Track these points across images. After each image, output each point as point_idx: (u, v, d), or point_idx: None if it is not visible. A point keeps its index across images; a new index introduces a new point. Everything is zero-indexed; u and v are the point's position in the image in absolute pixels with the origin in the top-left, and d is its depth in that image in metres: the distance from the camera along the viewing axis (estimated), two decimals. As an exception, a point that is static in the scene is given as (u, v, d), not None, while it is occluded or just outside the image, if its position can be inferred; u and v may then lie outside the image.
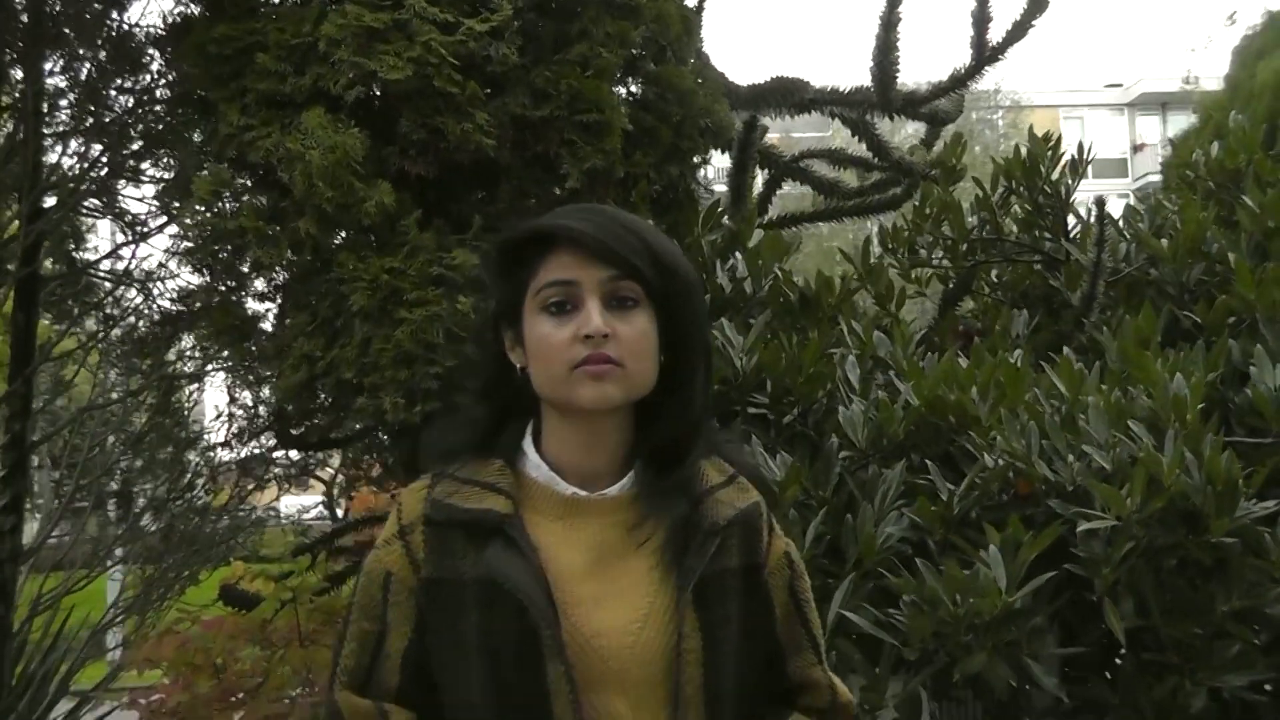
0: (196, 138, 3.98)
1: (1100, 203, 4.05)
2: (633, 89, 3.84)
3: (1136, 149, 36.43)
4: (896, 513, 2.85)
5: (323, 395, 3.35)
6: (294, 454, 5.74)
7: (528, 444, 1.51)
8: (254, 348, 3.45)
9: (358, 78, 3.25)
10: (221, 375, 5.03)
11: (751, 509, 1.50)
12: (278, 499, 6.07)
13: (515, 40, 3.42)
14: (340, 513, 5.96)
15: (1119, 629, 2.53)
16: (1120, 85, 38.14)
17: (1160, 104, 35.69)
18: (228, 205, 3.36)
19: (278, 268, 3.44)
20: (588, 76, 3.46)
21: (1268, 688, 2.78)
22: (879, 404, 3.06)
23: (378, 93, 3.39)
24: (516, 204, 3.48)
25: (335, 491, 5.64)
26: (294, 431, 5.02)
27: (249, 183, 3.51)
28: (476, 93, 3.31)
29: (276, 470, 5.63)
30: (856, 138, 5.28)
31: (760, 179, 5.93)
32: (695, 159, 4.01)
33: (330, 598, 4.35)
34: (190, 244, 3.42)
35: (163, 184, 4.62)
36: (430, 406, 3.18)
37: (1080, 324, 4.09)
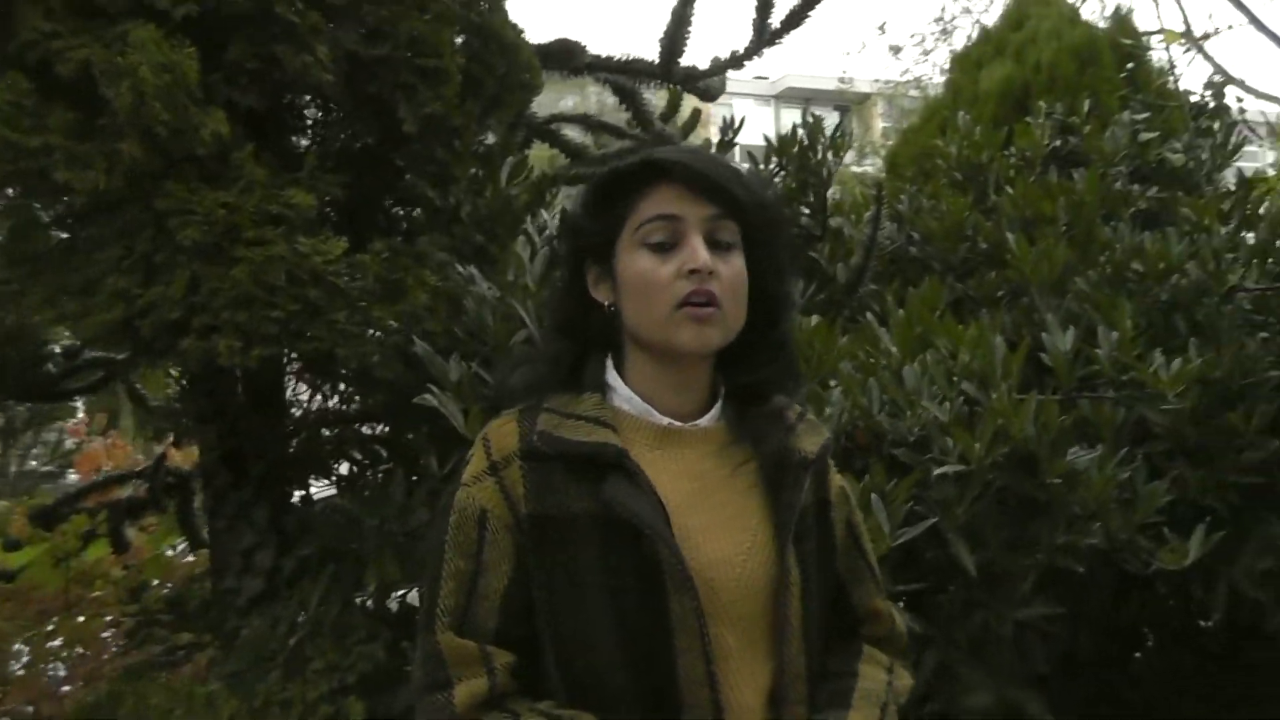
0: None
1: (879, 186, 4.37)
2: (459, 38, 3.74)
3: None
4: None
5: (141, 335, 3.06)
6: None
7: (613, 378, 1.48)
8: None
9: (190, -6, 3.00)
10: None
11: (827, 445, 1.52)
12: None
13: (353, -28, 3.27)
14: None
15: (970, 564, 2.76)
16: (767, 79, 40.49)
17: (804, 99, 38.22)
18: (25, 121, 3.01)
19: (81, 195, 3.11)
20: (427, 20, 3.35)
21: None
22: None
23: (201, 12, 3.12)
24: (351, 146, 3.34)
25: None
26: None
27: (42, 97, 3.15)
28: (319, 24, 3.13)
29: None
30: (623, 105, 5.39)
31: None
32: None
33: (85, 561, 3.98)
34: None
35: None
36: (269, 351, 3.00)
37: (851, 294, 4.37)
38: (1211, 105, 5.47)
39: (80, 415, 6.38)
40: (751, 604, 1.40)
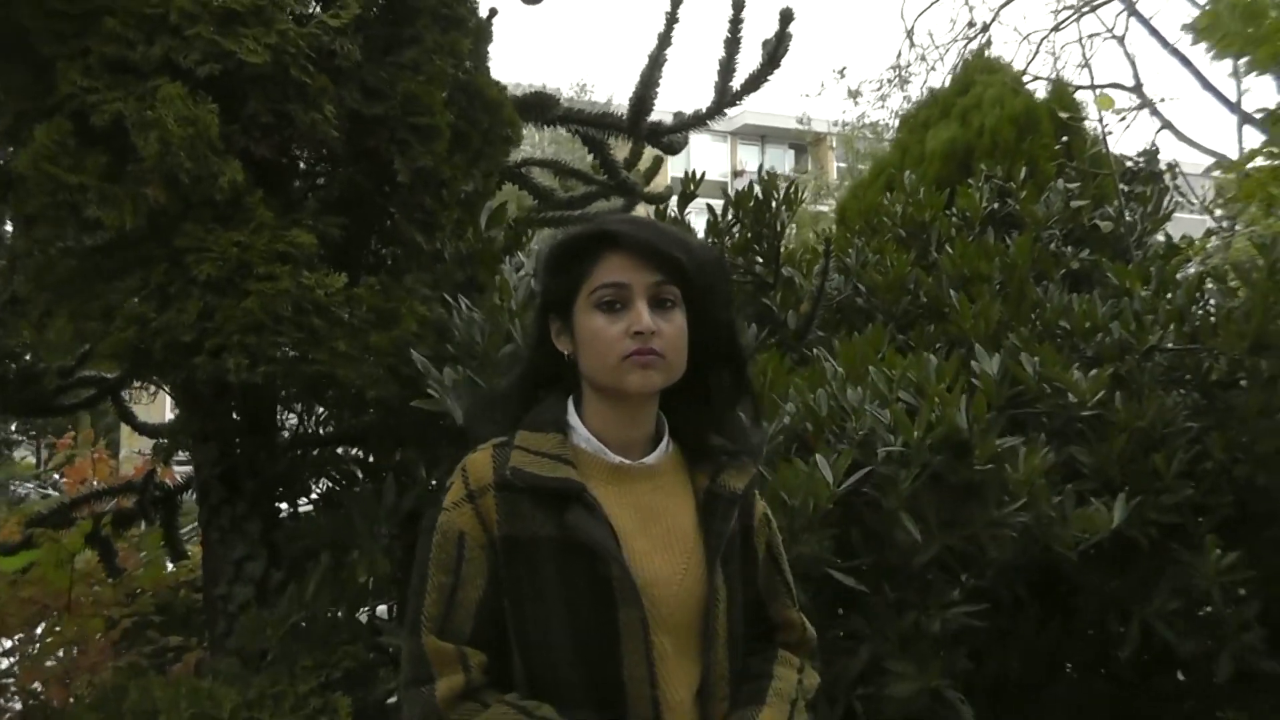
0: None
1: (828, 240, 4.76)
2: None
3: (737, 174, 39.21)
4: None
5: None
6: None
7: (573, 419, 1.73)
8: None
9: (213, 55, 3.32)
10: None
11: (753, 481, 1.84)
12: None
13: (356, 38, 3.61)
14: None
15: (915, 532, 3.10)
16: (725, 115, 41.03)
17: (760, 136, 38.90)
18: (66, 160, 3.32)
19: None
20: (421, 81, 3.70)
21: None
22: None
23: (223, 71, 3.44)
24: (348, 191, 3.67)
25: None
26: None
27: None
28: (326, 85, 3.48)
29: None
30: (591, 154, 5.76)
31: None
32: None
33: (89, 562, 4.28)
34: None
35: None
36: (273, 370, 3.31)
37: (800, 339, 4.73)
38: (1144, 170, 5.92)
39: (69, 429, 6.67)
40: (686, 615, 1.70)
